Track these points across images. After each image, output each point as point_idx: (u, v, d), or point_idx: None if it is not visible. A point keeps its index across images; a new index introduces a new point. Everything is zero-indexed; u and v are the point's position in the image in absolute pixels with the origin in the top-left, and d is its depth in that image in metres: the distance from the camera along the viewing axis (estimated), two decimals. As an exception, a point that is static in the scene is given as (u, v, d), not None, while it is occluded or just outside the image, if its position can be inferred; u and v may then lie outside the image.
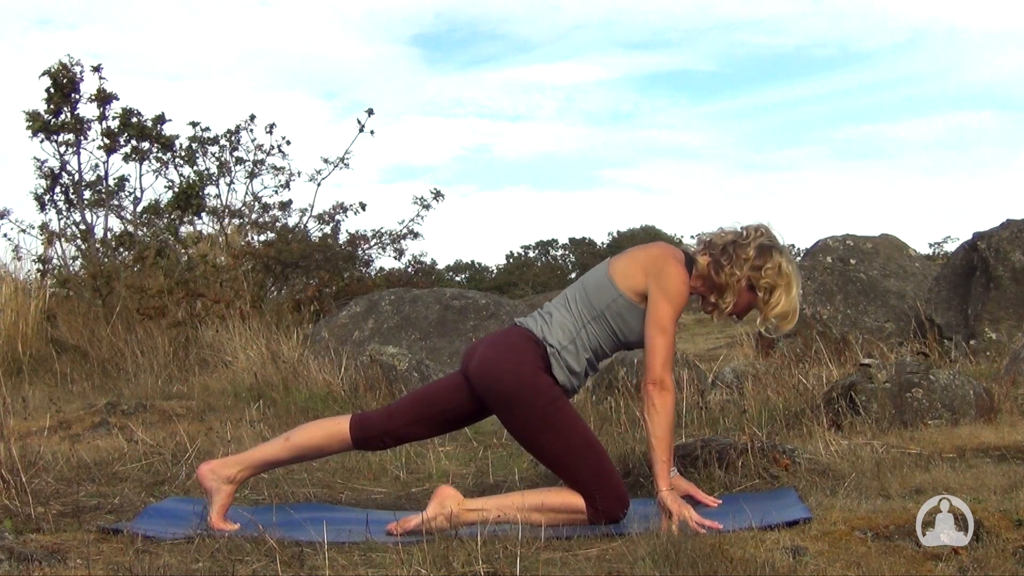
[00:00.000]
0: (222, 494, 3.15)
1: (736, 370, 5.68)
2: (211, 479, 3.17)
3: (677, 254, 3.18)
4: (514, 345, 3.16)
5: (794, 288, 3.16)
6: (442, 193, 10.93)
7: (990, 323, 6.57)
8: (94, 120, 9.84)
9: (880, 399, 4.27)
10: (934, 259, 12.62)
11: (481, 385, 3.15)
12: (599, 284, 3.19)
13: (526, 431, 3.12)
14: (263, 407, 5.52)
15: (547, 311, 3.24)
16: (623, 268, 3.18)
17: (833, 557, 2.51)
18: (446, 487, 3.13)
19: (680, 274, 3.12)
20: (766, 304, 3.15)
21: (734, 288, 3.14)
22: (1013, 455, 3.68)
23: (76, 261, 10.15)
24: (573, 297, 3.22)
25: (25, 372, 7.40)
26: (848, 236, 8.16)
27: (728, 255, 3.14)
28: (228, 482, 3.17)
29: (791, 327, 3.23)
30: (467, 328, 7.69)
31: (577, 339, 3.15)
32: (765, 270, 3.12)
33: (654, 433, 3.04)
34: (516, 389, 3.08)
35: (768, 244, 3.16)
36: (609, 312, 3.15)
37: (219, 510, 3.14)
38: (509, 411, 3.12)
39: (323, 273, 9.67)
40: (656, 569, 2.41)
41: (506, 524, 2.96)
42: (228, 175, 10.86)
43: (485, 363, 3.15)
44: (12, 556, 2.54)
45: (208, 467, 3.20)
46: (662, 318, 3.08)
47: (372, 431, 3.23)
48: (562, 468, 3.12)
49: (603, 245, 30.52)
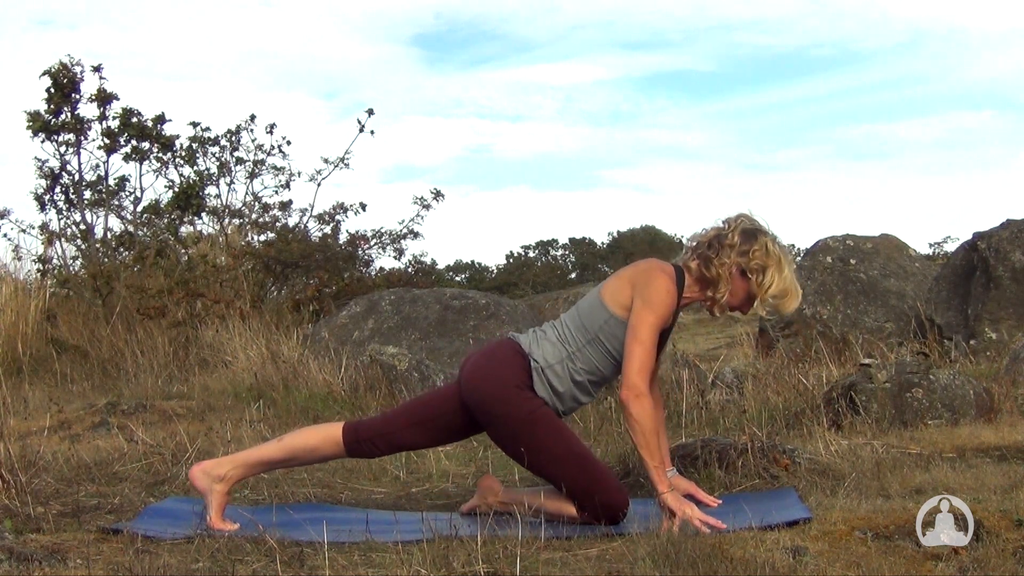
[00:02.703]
0: (215, 494, 3.16)
1: (736, 370, 5.68)
2: (202, 479, 3.18)
3: (666, 268, 3.19)
4: (502, 357, 3.21)
5: (785, 267, 3.17)
6: (442, 193, 10.90)
7: (990, 323, 6.57)
8: (94, 120, 9.82)
9: (880, 399, 4.27)
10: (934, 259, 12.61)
11: (468, 395, 3.20)
12: (591, 307, 3.21)
13: (512, 442, 3.16)
14: (263, 407, 5.52)
15: (543, 329, 3.28)
16: (612, 287, 3.20)
17: (833, 557, 2.52)
18: (488, 477, 3.35)
19: (665, 286, 3.13)
20: (760, 286, 3.15)
21: (726, 277, 3.15)
22: (1013, 455, 3.68)
23: (76, 261, 10.15)
24: (568, 321, 3.25)
25: (25, 372, 7.40)
26: (848, 236, 8.16)
27: (714, 247, 3.16)
28: (219, 480, 3.17)
29: (794, 307, 3.23)
30: (467, 328, 7.69)
31: (568, 361, 3.18)
32: (752, 252, 3.14)
33: (637, 442, 3.06)
34: (498, 398, 3.13)
35: (751, 228, 3.19)
36: (603, 334, 3.17)
37: (216, 510, 3.14)
38: (492, 420, 3.16)
39: (323, 273, 9.66)
40: (656, 569, 2.41)
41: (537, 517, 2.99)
42: (228, 175, 10.85)
43: (472, 373, 3.22)
44: (12, 556, 2.54)
45: (199, 468, 3.21)
46: (640, 327, 3.08)
47: (364, 435, 3.25)
48: (553, 477, 3.15)
49: (603, 245, 30.51)
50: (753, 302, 3.20)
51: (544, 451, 3.10)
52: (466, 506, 3.40)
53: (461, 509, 3.41)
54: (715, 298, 3.19)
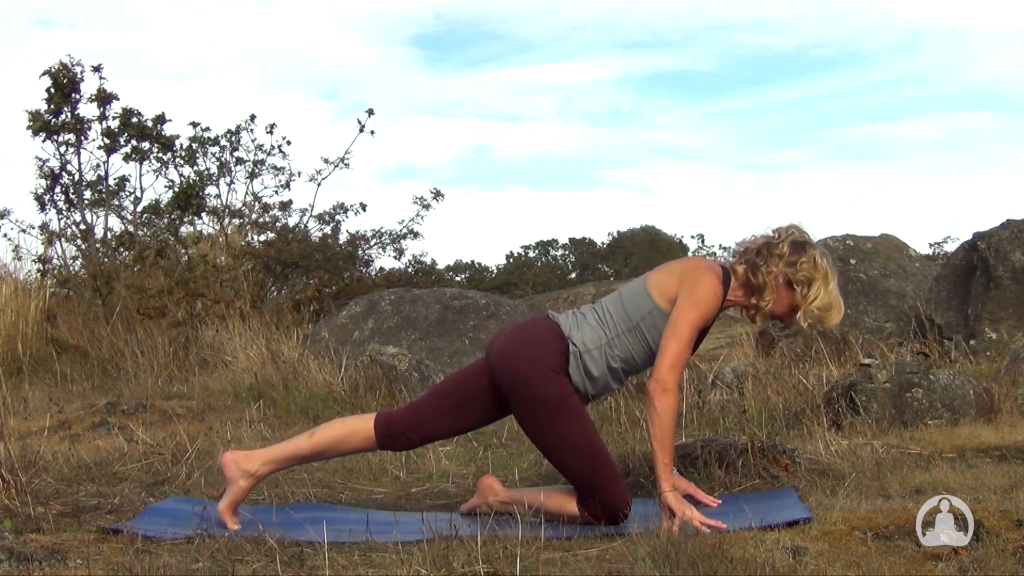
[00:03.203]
0: (238, 488, 3.18)
1: (736, 370, 5.68)
2: (232, 469, 3.19)
3: (715, 269, 3.21)
4: (538, 336, 3.19)
5: (832, 282, 3.19)
6: (442, 193, 10.90)
7: (990, 323, 6.57)
8: (94, 120, 9.82)
9: (880, 399, 4.27)
10: (934, 259, 12.61)
11: (498, 368, 3.19)
12: (636, 295, 3.21)
13: (533, 423, 3.15)
14: (263, 407, 5.52)
15: (582, 312, 3.26)
16: (659, 279, 3.22)
17: (833, 557, 2.52)
18: (488, 477, 3.35)
19: (714, 287, 3.15)
20: (805, 298, 3.17)
21: (772, 286, 3.17)
22: (1013, 455, 3.68)
23: (76, 261, 10.14)
24: (609, 307, 3.24)
25: (25, 372, 7.40)
26: (848, 236, 8.16)
27: (763, 255, 3.18)
28: (247, 476, 3.19)
29: (836, 321, 3.24)
30: (467, 328, 7.69)
31: (607, 347, 3.17)
32: (800, 264, 3.16)
33: (653, 435, 3.06)
34: (530, 378, 3.11)
35: (801, 240, 3.21)
36: (645, 324, 3.17)
37: (231, 502, 3.16)
38: (520, 399, 3.15)
39: (323, 273, 9.66)
40: (656, 569, 2.41)
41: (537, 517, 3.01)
42: (228, 175, 10.84)
43: (506, 347, 3.20)
44: (12, 556, 2.54)
45: (232, 457, 3.22)
46: (680, 323, 3.09)
47: (396, 428, 3.24)
48: (564, 466, 3.14)
49: (603, 245, 30.52)
50: (796, 313, 3.21)
51: (563, 439, 3.11)
52: (466, 506, 3.40)
53: (461, 509, 3.41)
54: (759, 306, 3.20)
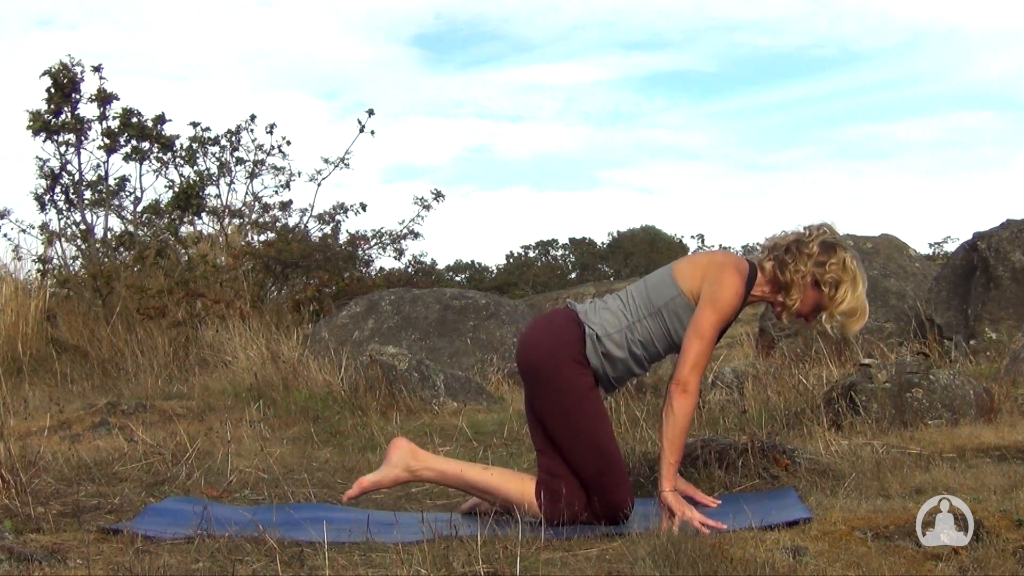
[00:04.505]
0: (392, 476, 3.24)
1: (736, 370, 5.67)
2: (397, 455, 3.24)
3: (741, 265, 3.19)
4: (558, 326, 3.22)
5: (860, 286, 3.15)
6: (442, 193, 10.89)
7: (990, 323, 6.56)
8: (94, 120, 9.82)
9: (880, 399, 4.27)
10: (934, 259, 12.59)
11: (520, 360, 3.24)
12: (660, 281, 3.21)
13: (551, 413, 3.16)
14: (263, 407, 5.52)
15: (604, 300, 3.27)
16: (685, 268, 3.21)
17: (833, 557, 2.52)
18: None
19: (735, 285, 3.12)
20: (832, 300, 3.14)
21: (799, 285, 3.14)
22: (1013, 455, 3.68)
23: (76, 261, 10.14)
24: (634, 292, 3.24)
25: (25, 372, 7.40)
26: (848, 236, 8.15)
27: (792, 253, 3.15)
28: (407, 470, 3.24)
29: (860, 327, 3.22)
30: (467, 328, 7.69)
31: (627, 331, 3.16)
32: (829, 265, 3.13)
33: (666, 434, 3.07)
34: (549, 368, 3.14)
35: (831, 241, 3.17)
36: (667, 310, 3.16)
37: (375, 482, 3.23)
38: (539, 388, 3.18)
39: (323, 273, 9.65)
40: (656, 569, 2.41)
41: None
42: (228, 175, 10.84)
43: (527, 339, 3.25)
44: (12, 556, 2.54)
45: (408, 445, 3.27)
46: (702, 324, 3.09)
47: (548, 483, 3.16)
48: (574, 460, 3.15)
49: (603, 245, 30.48)
50: (820, 313, 3.19)
51: (577, 432, 3.12)
52: (466, 506, 3.40)
53: (461, 509, 3.41)
54: (786, 304, 3.18)
